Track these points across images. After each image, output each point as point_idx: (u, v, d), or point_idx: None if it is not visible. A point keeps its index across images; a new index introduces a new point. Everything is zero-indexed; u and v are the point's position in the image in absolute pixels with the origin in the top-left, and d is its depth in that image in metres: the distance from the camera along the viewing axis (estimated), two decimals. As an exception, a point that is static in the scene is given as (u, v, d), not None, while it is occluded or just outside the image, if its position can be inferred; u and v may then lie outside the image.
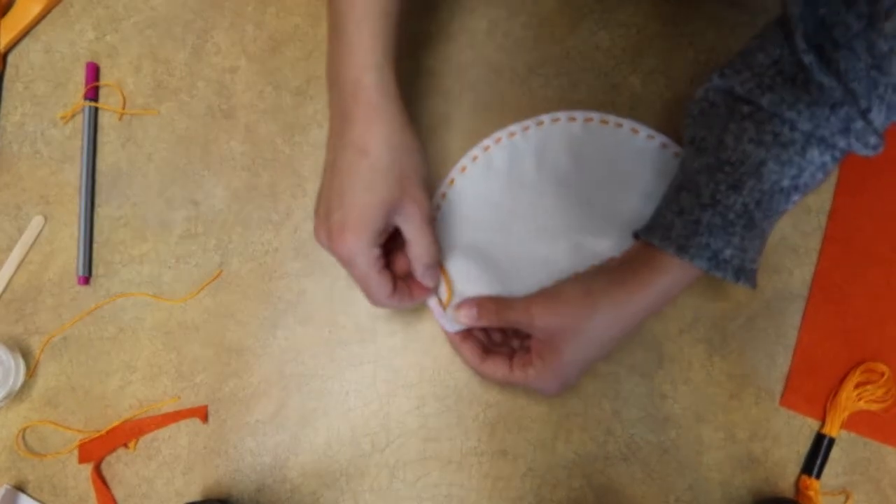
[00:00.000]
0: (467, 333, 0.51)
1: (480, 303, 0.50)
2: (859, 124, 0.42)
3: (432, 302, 0.52)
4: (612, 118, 0.56)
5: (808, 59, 0.42)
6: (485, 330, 0.52)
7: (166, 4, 0.62)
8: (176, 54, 0.61)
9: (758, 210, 0.44)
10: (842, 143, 0.43)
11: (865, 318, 0.55)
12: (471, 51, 0.60)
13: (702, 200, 0.45)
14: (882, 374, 0.54)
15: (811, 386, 0.55)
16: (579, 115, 0.57)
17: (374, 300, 0.47)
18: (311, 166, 0.59)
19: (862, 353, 0.55)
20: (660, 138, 0.55)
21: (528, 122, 0.57)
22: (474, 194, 0.56)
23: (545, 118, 0.57)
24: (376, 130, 0.43)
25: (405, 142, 0.45)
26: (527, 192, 0.56)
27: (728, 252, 0.44)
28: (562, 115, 0.57)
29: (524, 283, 0.51)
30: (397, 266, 0.49)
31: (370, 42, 0.43)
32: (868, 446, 0.54)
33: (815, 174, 0.44)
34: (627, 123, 0.56)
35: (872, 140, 0.43)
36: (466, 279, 0.52)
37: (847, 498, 0.53)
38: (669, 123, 0.57)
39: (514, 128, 0.57)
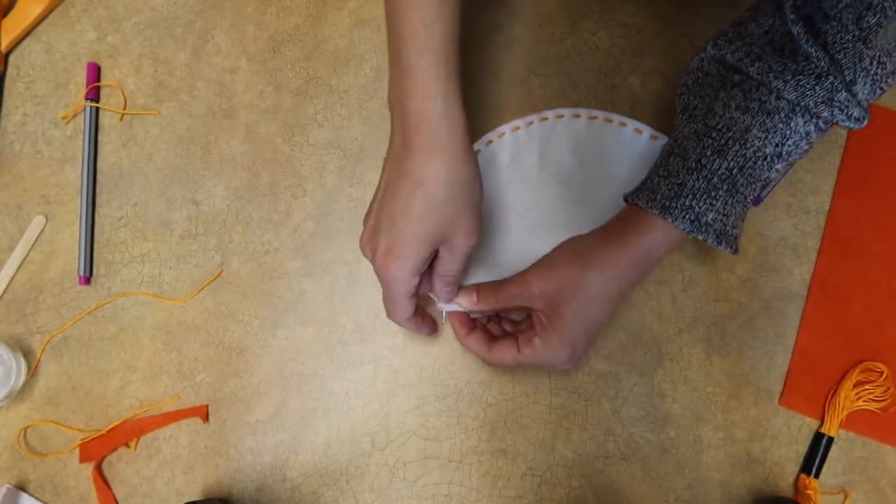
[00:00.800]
0: (472, 326, 0.51)
1: (479, 288, 0.51)
2: (843, 95, 0.43)
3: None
4: (615, 117, 0.57)
5: (796, 28, 0.43)
6: (490, 320, 0.53)
7: (167, 5, 0.62)
8: (176, 54, 0.61)
9: (741, 175, 0.46)
10: (825, 113, 0.44)
11: (864, 317, 0.56)
12: (471, 51, 0.60)
13: (688, 164, 0.46)
14: (881, 374, 0.54)
15: (810, 385, 0.55)
16: (584, 112, 0.57)
17: (395, 318, 0.49)
18: (312, 166, 0.59)
19: (861, 353, 0.55)
20: (663, 139, 0.56)
21: (532, 118, 0.57)
22: None
23: (549, 114, 0.57)
24: (437, 165, 0.43)
25: (464, 177, 0.44)
26: (528, 188, 0.56)
27: (710, 215, 0.46)
28: (566, 112, 0.57)
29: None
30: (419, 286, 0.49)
31: (434, 69, 0.42)
32: (867, 445, 0.54)
33: (799, 143, 0.45)
34: (631, 123, 0.56)
35: (856, 112, 0.44)
36: (473, 266, 0.53)
37: (846, 497, 0.54)
38: (669, 123, 0.57)
39: (518, 122, 0.57)
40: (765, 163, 0.46)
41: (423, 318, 0.51)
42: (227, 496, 0.55)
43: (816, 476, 0.53)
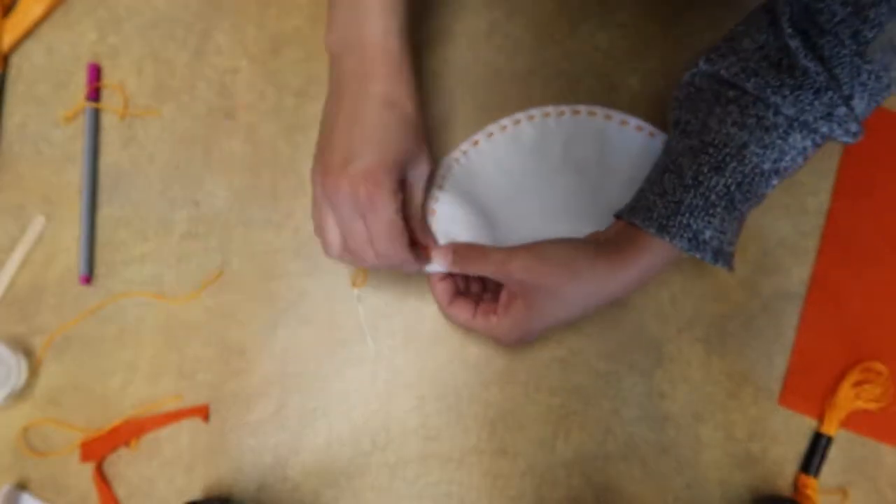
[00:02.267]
0: (445, 275, 0.51)
1: (457, 248, 0.50)
2: (842, 110, 0.43)
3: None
4: (647, 126, 0.56)
5: (794, 43, 0.42)
6: (466, 279, 0.52)
7: (168, 6, 0.62)
8: (177, 55, 0.61)
9: (738, 192, 0.45)
10: (824, 128, 0.43)
11: (863, 317, 0.56)
12: (471, 52, 0.60)
13: (684, 182, 0.46)
14: (880, 373, 0.54)
15: (809, 385, 0.55)
16: (616, 115, 0.57)
17: (396, 250, 0.46)
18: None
19: (860, 353, 0.55)
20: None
21: (565, 108, 0.57)
22: (494, 160, 0.57)
23: (582, 108, 0.57)
24: (405, 88, 0.46)
25: (419, 102, 0.47)
26: (547, 174, 0.56)
27: (708, 233, 0.45)
28: (598, 111, 0.57)
29: None
30: None
31: (392, 6, 0.45)
32: (866, 445, 0.54)
33: (796, 158, 0.45)
34: (659, 136, 0.56)
35: (853, 127, 0.43)
36: (462, 226, 0.52)
37: (845, 496, 0.54)
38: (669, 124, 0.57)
39: (550, 109, 0.57)
40: (762, 179, 0.45)
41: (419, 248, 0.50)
42: (227, 496, 0.55)
43: (815, 475, 0.53)
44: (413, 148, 0.47)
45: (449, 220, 0.53)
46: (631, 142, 0.56)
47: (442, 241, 0.52)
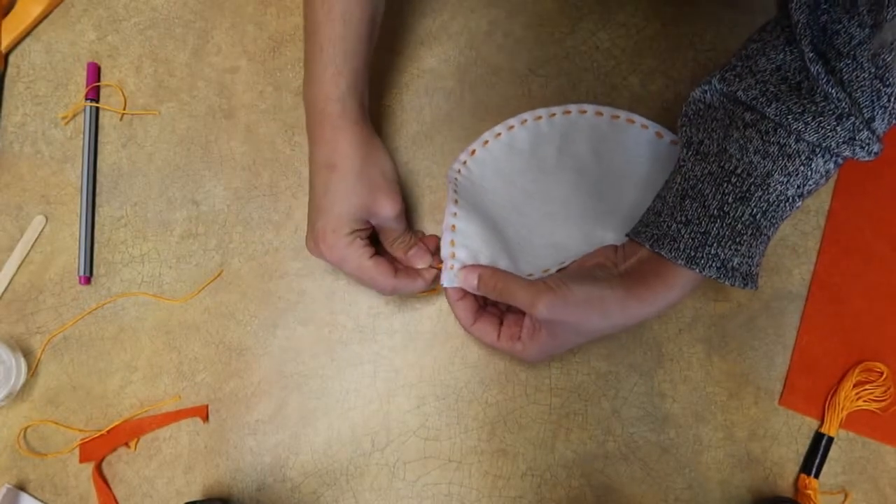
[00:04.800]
0: (463, 293, 0.51)
1: (483, 274, 0.50)
2: (864, 134, 0.42)
3: (443, 252, 0.52)
4: (638, 118, 0.56)
5: (816, 68, 0.41)
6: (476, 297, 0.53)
7: (167, 5, 0.62)
8: (177, 54, 0.61)
9: (764, 219, 0.45)
10: (846, 151, 0.43)
11: (864, 317, 0.56)
12: (471, 51, 0.60)
13: (709, 211, 0.45)
14: (881, 374, 0.54)
15: (810, 385, 0.55)
16: (606, 110, 0.57)
17: (382, 286, 0.50)
18: (312, 166, 0.59)
19: (861, 353, 0.55)
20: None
21: (555, 110, 0.57)
22: (494, 169, 0.56)
23: (572, 108, 0.57)
24: (341, 148, 0.49)
25: (369, 153, 0.50)
26: (545, 177, 0.56)
27: (736, 260, 0.45)
28: (589, 108, 0.57)
29: (531, 264, 0.52)
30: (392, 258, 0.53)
31: (334, 77, 0.48)
32: (867, 446, 0.54)
33: (819, 181, 0.44)
34: (653, 126, 0.56)
35: (876, 148, 0.43)
36: (480, 241, 0.52)
37: (846, 497, 0.54)
38: (669, 124, 0.57)
39: (541, 112, 0.57)
40: (787, 204, 0.45)
41: (410, 273, 0.52)
42: (227, 496, 0.55)
43: (816, 476, 0.53)
44: (363, 201, 0.49)
45: (469, 236, 0.52)
46: (634, 140, 0.56)
47: (464, 255, 0.51)
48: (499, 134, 0.57)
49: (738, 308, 0.56)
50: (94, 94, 0.60)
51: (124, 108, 0.60)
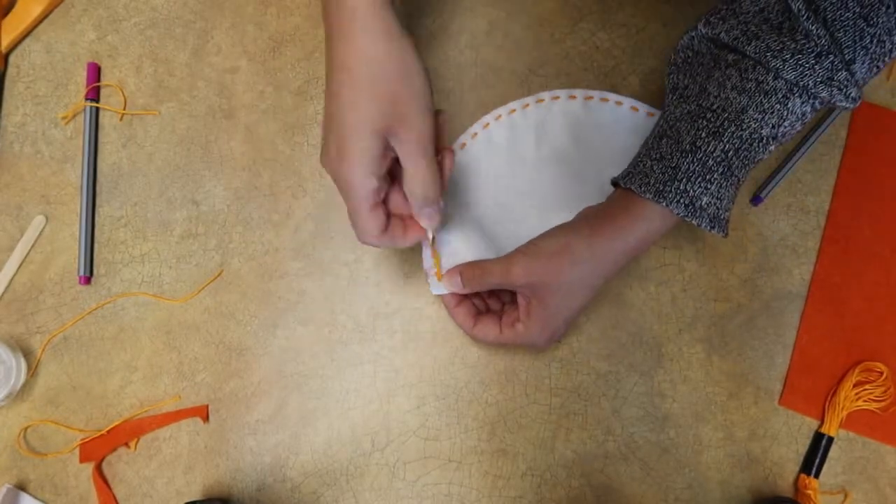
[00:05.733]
0: (461, 298, 0.51)
1: (462, 270, 0.49)
2: (843, 75, 0.42)
3: (426, 264, 0.52)
4: (612, 96, 0.57)
5: (797, 5, 0.42)
6: (479, 295, 0.53)
7: (167, 5, 0.62)
8: (177, 55, 0.61)
9: (736, 157, 0.45)
10: (824, 93, 0.43)
11: (864, 317, 0.56)
12: (471, 51, 0.60)
13: (682, 147, 0.45)
14: (880, 374, 0.54)
15: (810, 385, 0.55)
16: (579, 93, 0.57)
17: (362, 236, 0.45)
18: (312, 166, 0.59)
19: (860, 353, 0.55)
20: (658, 114, 0.56)
21: (528, 100, 0.57)
22: (475, 170, 0.57)
23: (545, 95, 0.57)
24: (358, 45, 0.40)
25: (392, 56, 0.40)
26: (526, 169, 0.56)
27: (705, 199, 0.45)
28: (561, 94, 0.57)
29: None
30: (392, 203, 0.46)
31: None
32: (866, 445, 0.54)
33: (794, 124, 0.45)
34: (627, 101, 0.57)
35: (853, 92, 0.43)
36: (460, 242, 0.52)
37: (845, 497, 0.54)
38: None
39: (514, 104, 0.58)
40: (760, 144, 0.45)
41: (402, 228, 0.46)
42: (227, 496, 0.55)
43: (816, 476, 0.53)
44: (377, 115, 0.40)
45: (447, 242, 0.52)
46: (610, 118, 0.57)
47: (445, 262, 0.51)
48: (475, 134, 0.57)
49: (738, 308, 0.56)
50: (94, 94, 0.60)
51: (124, 108, 0.60)
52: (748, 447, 0.54)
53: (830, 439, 0.53)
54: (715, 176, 0.45)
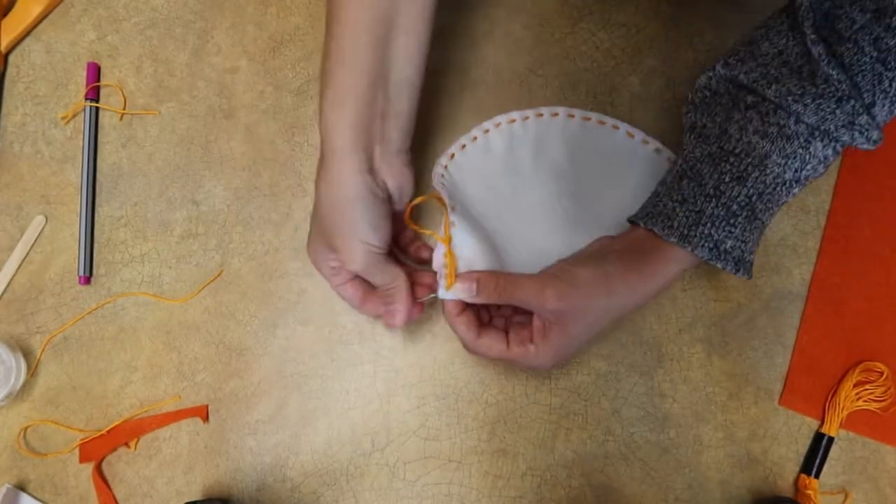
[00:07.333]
0: (463, 308, 0.49)
1: (481, 278, 0.48)
2: (864, 119, 0.42)
3: (436, 264, 0.50)
4: (609, 120, 0.57)
5: (817, 50, 0.42)
6: (486, 306, 0.51)
7: (167, 5, 0.62)
8: (177, 54, 0.61)
9: (759, 201, 0.45)
10: (845, 136, 0.43)
11: (864, 317, 0.56)
12: (471, 51, 0.60)
13: (705, 190, 0.45)
14: (881, 374, 0.54)
15: (810, 385, 0.55)
16: (578, 112, 0.57)
17: (352, 305, 0.52)
18: (312, 166, 0.59)
19: (861, 353, 0.55)
20: (653, 143, 0.56)
21: (528, 112, 0.57)
22: (472, 172, 0.56)
23: (545, 111, 0.57)
24: (320, 188, 0.47)
25: (340, 200, 0.47)
26: (523, 181, 0.56)
27: (729, 243, 0.45)
28: (560, 111, 0.57)
29: (517, 267, 0.51)
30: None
31: (347, 130, 0.46)
32: (867, 446, 0.54)
33: (817, 167, 0.44)
34: (623, 127, 0.56)
35: (875, 135, 0.43)
36: (471, 252, 0.50)
37: (846, 497, 0.54)
38: (669, 124, 0.57)
39: (514, 115, 0.57)
40: (784, 188, 0.45)
41: (376, 304, 0.51)
42: (227, 496, 0.55)
43: (816, 476, 0.53)
44: (324, 239, 0.48)
45: (464, 246, 0.51)
46: (606, 142, 0.56)
47: (460, 264, 0.50)
48: (475, 137, 0.57)
49: (738, 308, 0.56)
50: (94, 94, 0.60)
51: (124, 108, 0.60)
52: (748, 447, 0.54)
53: (831, 439, 0.53)
54: (739, 220, 0.45)
